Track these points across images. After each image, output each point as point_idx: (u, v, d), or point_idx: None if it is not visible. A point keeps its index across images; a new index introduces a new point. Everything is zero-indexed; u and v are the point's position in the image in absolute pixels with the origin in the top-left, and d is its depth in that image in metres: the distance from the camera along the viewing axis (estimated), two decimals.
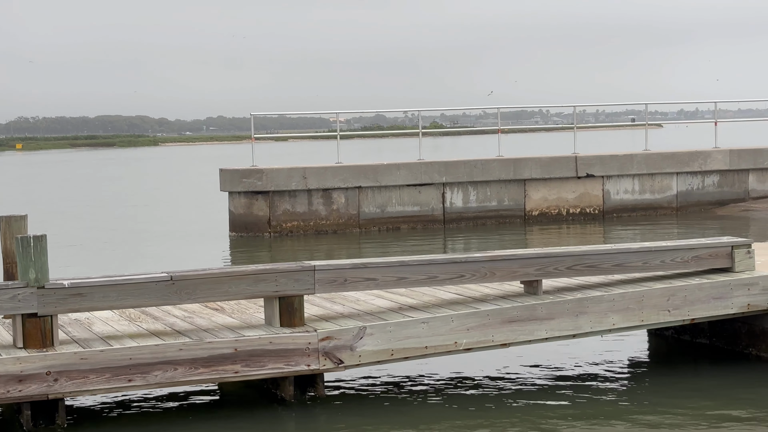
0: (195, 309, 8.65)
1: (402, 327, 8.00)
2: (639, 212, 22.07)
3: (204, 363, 7.48)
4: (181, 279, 7.62)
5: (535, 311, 8.36)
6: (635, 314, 8.64)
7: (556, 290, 8.80)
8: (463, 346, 8.19)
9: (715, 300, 8.84)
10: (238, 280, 7.76)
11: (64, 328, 7.94)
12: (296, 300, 7.91)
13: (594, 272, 8.79)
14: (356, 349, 7.86)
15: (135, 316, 8.41)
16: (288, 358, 7.69)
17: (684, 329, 9.76)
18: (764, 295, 8.91)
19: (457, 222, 21.00)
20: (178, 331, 7.82)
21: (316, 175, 20.14)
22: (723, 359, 9.16)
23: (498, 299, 8.57)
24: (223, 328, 7.91)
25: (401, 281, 8.25)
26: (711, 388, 8.34)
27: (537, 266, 8.56)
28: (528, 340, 8.39)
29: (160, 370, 7.37)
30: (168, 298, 7.62)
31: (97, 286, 7.43)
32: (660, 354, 9.76)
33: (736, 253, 9.10)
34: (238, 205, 20.31)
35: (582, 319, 8.48)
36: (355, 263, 8.14)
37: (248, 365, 7.60)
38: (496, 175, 21.17)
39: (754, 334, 9.14)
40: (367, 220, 20.50)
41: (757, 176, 22.83)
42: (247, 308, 8.65)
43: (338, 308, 8.52)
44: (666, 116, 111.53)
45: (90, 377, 7.20)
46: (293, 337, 7.70)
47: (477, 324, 8.20)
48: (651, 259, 8.91)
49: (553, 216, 21.59)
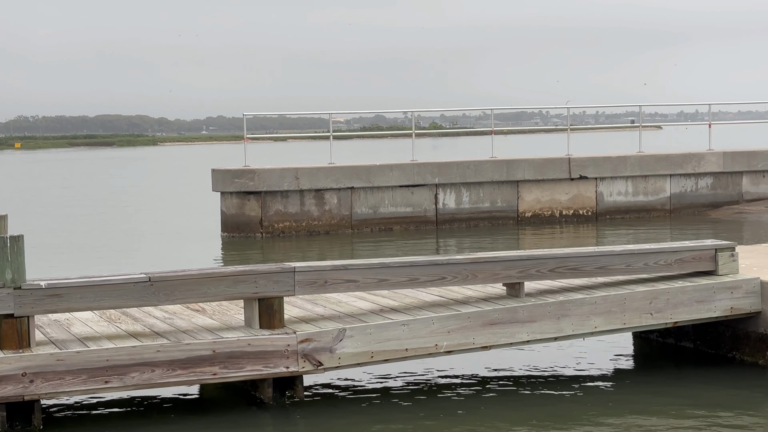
0: (176, 310, 8.61)
1: (382, 329, 7.97)
2: (632, 214, 22.04)
3: (182, 365, 7.45)
4: (159, 280, 7.59)
5: (516, 314, 8.32)
6: (617, 317, 8.61)
7: (538, 293, 8.77)
8: (444, 349, 8.16)
9: (698, 303, 8.81)
10: (217, 282, 7.72)
11: (43, 329, 7.91)
12: (276, 301, 7.88)
13: (577, 275, 8.76)
14: (336, 352, 7.83)
15: (115, 317, 8.37)
16: (267, 360, 7.65)
17: (669, 332, 9.73)
18: (747, 299, 8.88)
19: (450, 223, 20.96)
20: (157, 333, 7.79)
21: (309, 176, 20.11)
22: (707, 363, 9.12)
23: (480, 301, 8.54)
24: (203, 330, 7.88)
25: (382, 283, 8.22)
26: (694, 391, 8.30)
27: (519, 269, 8.52)
28: (509, 342, 8.35)
29: (137, 372, 7.33)
30: (146, 299, 7.58)
31: (74, 287, 7.39)
32: (644, 357, 9.71)
33: (720, 256, 9.07)
34: (230, 206, 20.27)
35: (564, 321, 8.45)
36: (335, 264, 8.10)
37: (226, 367, 7.56)
38: (489, 176, 21.14)
39: (737, 338, 9.11)
40: (359, 221, 20.46)
41: (750, 179, 22.79)
42: (229, 309, 8.61)
43: (319, 310, 8.49)
44: (666, 118, 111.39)
45: (66, 378, 7.17)
46: (272, 339, 7.67)
47: (458, 326, 8.17)
48: (634, 262, 8.88)
49: (546, 218, 21.56)
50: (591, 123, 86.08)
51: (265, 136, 42.92)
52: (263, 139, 75.72)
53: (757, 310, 8.88)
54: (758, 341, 8.92)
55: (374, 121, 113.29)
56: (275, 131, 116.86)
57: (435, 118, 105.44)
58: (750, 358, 8.98)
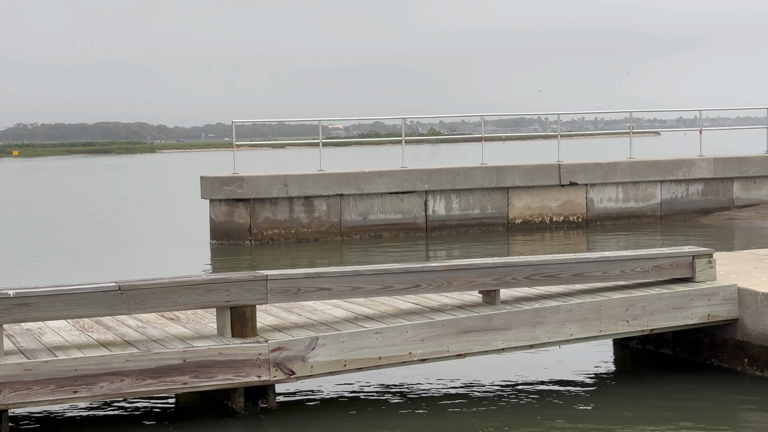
0: (150, 319, 8.57)
1: (355, 337, 7.92)
2: (623, 220, 21.99)
3: (152, 374, 7.40)
4: (129, 288, 7.54)
5: (491, 321, 8.28)
6: (593, 324, 8.56)
7: (515, 300, 8.72)
8: (418, 357, 8.11)
9: (675, 310, 8.76)
10: (188, 290, 7.68)
11: (14, 339, 7.86)
12: (248, 310, 7.83)
13: (553, 282, 8.71)
14: (308, 360, 7.78)
15: (88, 326, 8.33)
16: (238, 369, 7.61)
17: (648, 339, 9.68)
18: (724, 306, 8.83)
19: (440, 230, 20.92)
20: (128, 342, 7.74)
21: (298, 183, 20.07)
22: (686, 370, 9.08)
23: (455, 309, 8.49)
24: (175, 339, 7.83)
25: (356, 291, 8.17)
26: (674, 398, 8.26)
27: (494, 276, 8.48)
28: (484, 350, 8.31)
29: (106, 382, 7.29)
30: (116, 308, 7.53)
31: (43, 296, 7.35)
32: (624, 364, 9.67)
33: (697, 263, 9.02)
34: (219, 213, 20.23)
35: (539, 329, 8.40)
36: (308, 273, 8.06)
37: (197, 376, 7.51)
38: (479, 182, 21.10)
39: (715, 345, 9.07)
40: (348, 228, 20.42)
41: (741, 185, 22.75)
42: (203, 318, 8.57)
43: (294, 318, 8.44)
44: (665, 124, 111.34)
45: (34, 388, 7.12)
46: (243, 348, 7.62)
47: (432, 334, 8.12)
48: (610, 269, 8.83)
49: (536, 224, 21.51)
50: (590, 129, 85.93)
51: (261, 143, 42.82)
52: (261, 146, 75.70)
53: (734, 317, 8.84)
54: (736, 348, 8.87)
55: (373, 127, 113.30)
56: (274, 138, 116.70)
57: (434, 125, 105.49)
58: (728, 365, 8.94)
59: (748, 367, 8.74)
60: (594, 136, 61.22)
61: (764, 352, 8.58)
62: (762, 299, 8.58)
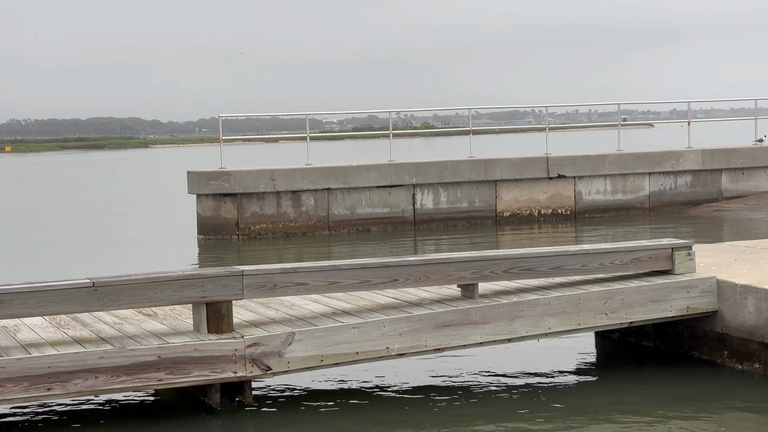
0: (127, 315, 8.52)
1: (332, 332, 7.89)
2: (611, 213, 21.98)
3: (126, 371, 7.36)
4: (103, 285, 7.50)
5: (469, 315, 8.25)
6: (572, 318, 8.54)
7: (494, 294, 8.69)
8: (396, 352, 8.08)
9: (654, 303, 8.74)
10: (163, 286, 7.63)
11: None
12: (224, 305, 7.79)
13: (532, 275, 8.68)
14: (285, 356, 7.75)
15: (64, 322, 8.29)
16: (214, 365, 7.57)
17: (630, 332, 9.66)
18: (704, 298, 8.81)
19: (428, 223, 20.89)
20: (104, 339, 7.70)
21: (285, 177, 20.02)
22: (667, 361, 9.07)
23: (433, 303, 8.46)
24: (150, 335, 7.79)
25: (333, 285, 8.13)
26: (654, 389, 8.25)
27: (472, 270, 8.45)
28: (462, 344, 8.27)
29: (80, 379, 7.24)
30: (90, 304, 7.49)
31: (16, 293, 7.30)
32: (605, 356, 9.66)
33: (677, 255, 9.00)
34: (206, 208, 20.18)
35: (517, 323, 8.37)
36: (285, 267, 8.02)
37: (172, 373, 7.47)
38: (467, 176, 21.07)
39: (695, 337, 9.05)
40: (336, 222, 20.39)
41: (729, 176, 22.75)
42: (180, 314, 8.52)
43: (271, 313, 8.40)
44: (659, 116, 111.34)
45: (7, 386, 7.07)
46: (219, 344, 7.59)
47: (409, 329, 8.09)
48: (589, 262, 8.81)
49: (524, 217, 21.49)
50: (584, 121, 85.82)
51: (252, 137, 42.80)
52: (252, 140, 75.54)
53: (713, 309, 8.82)
54: (715, 340, 8.86)
55: (367, 121, 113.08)
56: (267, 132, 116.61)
57: (428, 118, 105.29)
58: (708, 357, 8.93)
59: (727, 359, 8.72)
60: (585, 128, 61.18)
61: (743, 344, 8.57)
62: (741, 291, 8.56)
